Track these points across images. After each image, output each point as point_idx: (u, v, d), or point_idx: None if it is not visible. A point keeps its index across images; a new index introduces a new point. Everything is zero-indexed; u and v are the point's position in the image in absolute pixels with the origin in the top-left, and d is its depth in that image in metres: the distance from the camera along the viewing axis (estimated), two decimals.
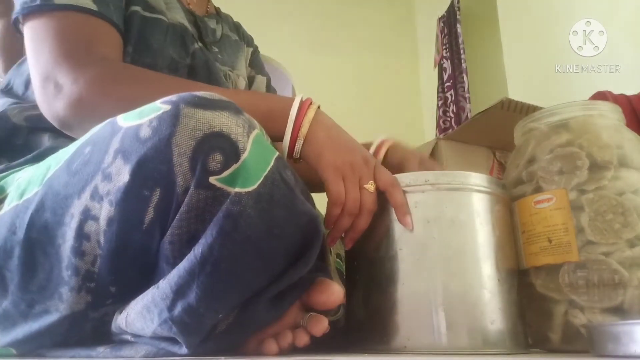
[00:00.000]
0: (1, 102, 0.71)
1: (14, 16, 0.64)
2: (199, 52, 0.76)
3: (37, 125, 0.65)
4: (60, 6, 0.61)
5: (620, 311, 0.51)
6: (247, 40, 0.99)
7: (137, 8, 0.70)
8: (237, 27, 0.98)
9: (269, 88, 1.02)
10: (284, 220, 0.44)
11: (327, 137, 0.58)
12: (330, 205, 0.56)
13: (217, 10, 0.94)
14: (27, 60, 0.65)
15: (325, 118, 0.60)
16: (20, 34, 0.65)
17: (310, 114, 0.58)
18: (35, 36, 0.62)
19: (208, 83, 0.72)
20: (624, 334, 0.39)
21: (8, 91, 0.73)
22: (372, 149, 0.72)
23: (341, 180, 0.56)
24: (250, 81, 0.98)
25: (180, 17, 0.76)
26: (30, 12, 0.62)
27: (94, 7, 0.63)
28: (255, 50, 1.02)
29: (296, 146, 0.57)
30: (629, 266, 0.51)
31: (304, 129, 0.57)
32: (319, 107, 0.60)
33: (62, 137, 0.64)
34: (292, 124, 0.57)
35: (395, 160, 0.71)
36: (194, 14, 0.83)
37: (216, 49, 0.85)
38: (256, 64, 1.01)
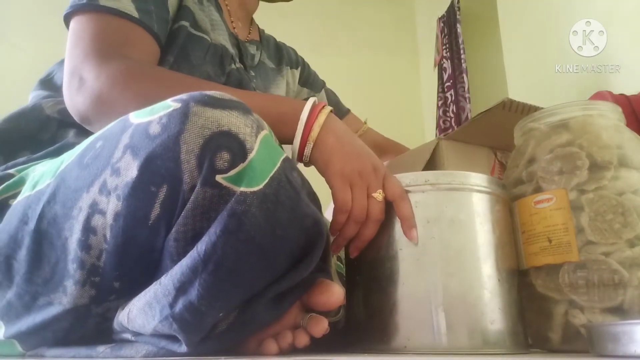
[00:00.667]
0: (36, 93, 0.73)
1: (64, 13, 0.66)
2: (235, 72, 0.78)
3: (67, 119, 0.67)
4: (104, 8, 0.63)
5: (620, 311, 0.51)
6: (291, 61, 1.01)
7: (185, 23, 0.73)
8: (278, 50, 1.00)
9: (330, 97, 1.05)
10: (288, 221, 0.44)
11: (336, 142, 0.57)
12: (336, 212, 0.56)
13: (260, 35, 0.97)
14: None
15: (337, 123, 0.60)
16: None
17: (322, 118, 0.58)
18: (74, 33, 0.64)
19: None
20: (624, 334, 0.39)
21: (47, 82, 0.76)
22: None
23: (348, 188, 0.56)
24: None
25: (223, 39, 0.79)
26: (75, 10, 0.64)
27: (135, 14, 0.65)
28: (304, 68, 1.05)
29: (305, 150, 0.57)
30: (629, 266, 0.51)
31: (314, 133, 0.57)
32: (331, 111, 0.60)
33: (86, 134, 0.65)
34: (302, 128, 0.57)
35: None
36: (237, 37, 0.86)
37: (253, 73, 0.87)
38: (308, 80, 1.04)
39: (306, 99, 0.59)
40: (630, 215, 0.52)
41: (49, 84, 0.75)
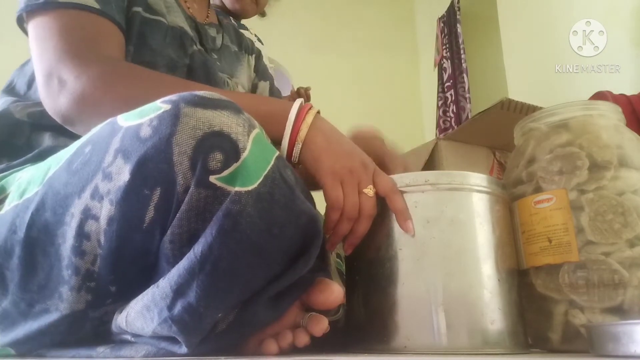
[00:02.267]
0: (2, 100, 0.71)
1: (17, 13, 0.64)
2: (198, 54, 0.77)
3: (40, 122, 0.66)
4: (64, 4, 0.62)
5: (620, 311, 0.51)
6: (249, 48, 1.00)
7: (138, 9, 0.71)
8: (238, 36, 0.99)
9: (272, 91, 1.03)
10: (284, 219, 0.44)
11: (325, 141, 0.57)
12: (328, 210, 0.56)
13: (219, 20, 0.95)
14: (30, 61, 0.65)
15: (324, 123, 0.60)
16: (24, 32, 0.66)
17: (309, 118, 0.58)
18: (39, 34, 0.62)
19: (206, 83, 0.72)
20: (624, 334, 0.39)
21: (10, 90, 0.74)
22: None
23: (339, 185, 0.56)
24: (253, 88, 0.99)
25: (180, 21, 0.77)
26: (33, 10, 0.62)
27: (96, 5, 0.63)
28: (259, 56, 1.02)
29: (294, 150, 0.57)
30: (629, 266, 0.51)
31: (302, 133, 0.57)
32: (318, 112, 0.60)
33: (63, 136, 0.64)
34: (290, 128, 0.57)
35: (372, 152, 0.67)
36: (195, 19, 0.84)
37: (215, 56, 0.85)
38: (258, 68, 1.02)
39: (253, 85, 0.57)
40: (630, 215, 0.52)
41: (12, 92, 0.73)
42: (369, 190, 0.56)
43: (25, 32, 0.65)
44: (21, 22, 0.65)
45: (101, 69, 0.59)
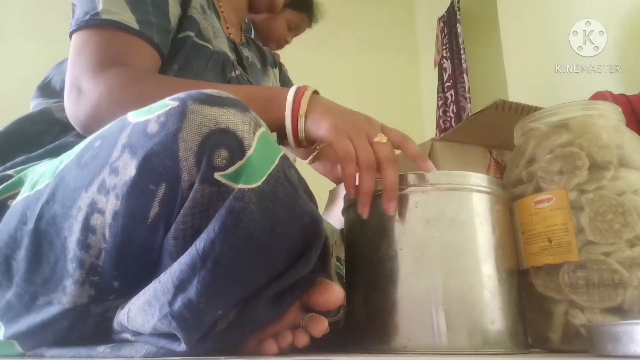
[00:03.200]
0: (39, 100, 0.74)
1: (70, 30, 0.67)
2: (234, 80, 0.80)
3: (70, 125, 0.67)
4: (105, 21, 0.64)
5: (620, 311, 0.51)
6: (271, 62, 1.04)
7: (191, 33, 0.74)
8: (260, 51, 1.03)
9: None
10: (286, 218, 0.44)
11: (325, 109, 0.59)
12: (342, 164, 0.55)
13: (247, 39, 1.00)
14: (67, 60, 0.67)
15: (323, 98, 0.62)
16: None
17: (308, 93, 0.60)
18: (75, 47, 0.65)
19: None
20: (624, 334, 0.39)
21: (45, 86, 0.76)
22: None
23: (346, 138, 0.55)
24: None
25: (224, 46, 0.80)
26: (79, 27, 0.65)
27: (135, 26, 0.65)
28: (280, 67, 1.08)
29: (299, 125, 0.58)
30: (629, 266, 0.51)
31: (303, 108, 0.59)
32: (315, 91, 0.61)
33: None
34: (291, 105, 0.59)
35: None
36: (234, 42, 0.88)
37: (250, 76, 0.90)
38: (284, 80, 1.08)
39: None
40: (630, 215, 0.52)
41: (48, 89, 0.76)
42: (381, 137, 0.56)
43: None
44: (71, 36, 0.67)
45: (116, 75, 0.61)
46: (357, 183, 0.55)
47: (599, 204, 0.53)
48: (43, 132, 0.70)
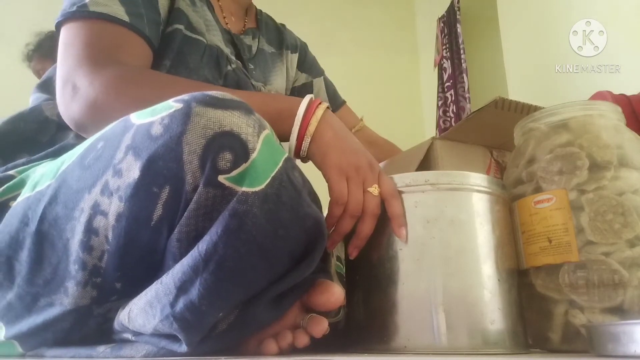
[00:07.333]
0: (36, 96, 0.74)
1: (55, 21, 0.65)
2: (232, 74, 0.78)
3: (64, 122, 0.66)
4: (93, 14, 0.63)
5: (620, 311, 0.51)
6: (291, 46, 1.00)
7: (180, 26, 0.72)
8: (279, 33, 0.99)
9: (329, 86, 1.03)
10: (290, 221, 0.44)
11: (334, 137, 0.58)
12: (332, 204, 0.56)
13: (258, 20, 0.95)
14: None
15: (334, 119, 0.60)
16: None
17: (319, 112, 0.58)
18: (65, 40, 0.64)
19: None
20: (624, 334, 0.39)
21: (44, 85, 0.76)
22: None
23: (345, 181, 0.56)
24: (308, 89, 0.99)
25: (217, 40, 0.78)
26: (66, 18, 0.64)
27: (125, 18, 0.64)
28: (303, 52, 1.02)
29: (303, 144, 0.58)
30: (629, 266, 0.51)
31: (312, 128, 0.57)
32: (328, 108, 0.60)
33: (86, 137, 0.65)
34: (299, 122, 0.57)
35: None
36: (231, 32, 0.85)
37: (252, 66, 0.87)
38: (307, 66, 1.02)
39: (303, 84, 0.58)
40: (630, 215, 0.52)
41: (48, 87, 0.75)
42: (374, 189, 0.56)
43: None
44: (58, 29, 0.66)
45: (113, 74, 0.59)
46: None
47: (599, 204, 0.53)
48: (38, 131, 0.69)
